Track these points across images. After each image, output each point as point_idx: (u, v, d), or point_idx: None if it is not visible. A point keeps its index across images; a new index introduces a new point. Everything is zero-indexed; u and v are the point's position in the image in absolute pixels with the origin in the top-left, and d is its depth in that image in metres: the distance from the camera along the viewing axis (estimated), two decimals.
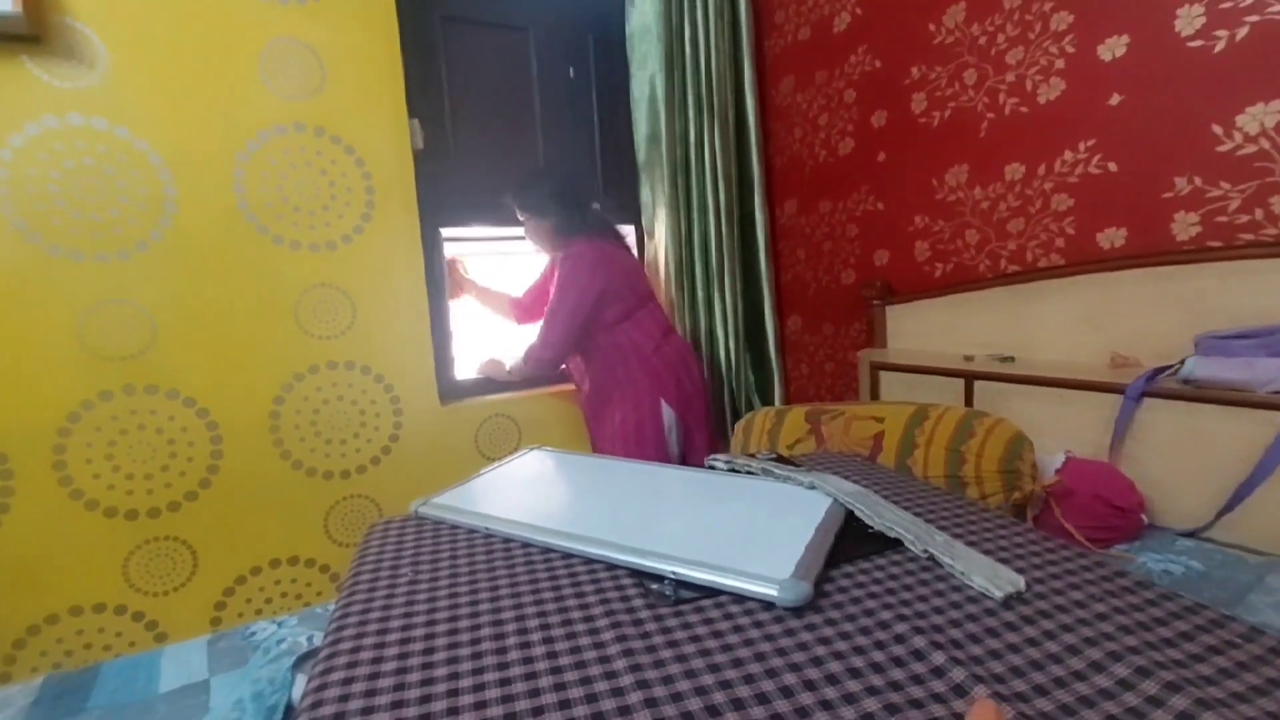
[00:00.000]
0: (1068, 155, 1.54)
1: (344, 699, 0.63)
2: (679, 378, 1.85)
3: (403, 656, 0.69)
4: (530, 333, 1.89)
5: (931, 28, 1.79)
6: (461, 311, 2.16)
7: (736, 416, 2.29)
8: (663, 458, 1.82)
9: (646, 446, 1.80)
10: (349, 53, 1.73)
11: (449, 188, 2.01)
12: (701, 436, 1.91)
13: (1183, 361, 1.23)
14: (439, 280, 1.99)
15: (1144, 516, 1.20)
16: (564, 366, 1.99)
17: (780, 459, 1.18)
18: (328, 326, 1.77)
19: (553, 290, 1.81)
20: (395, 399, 1.86)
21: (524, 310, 2.08)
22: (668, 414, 1.81)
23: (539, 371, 1.92)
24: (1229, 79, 1.27)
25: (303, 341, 1.74)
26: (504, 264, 2.24)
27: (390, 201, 1.81)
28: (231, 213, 1.64)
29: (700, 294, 2.27)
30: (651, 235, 2.25)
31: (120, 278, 1.53)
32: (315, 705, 0.62)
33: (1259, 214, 1.26)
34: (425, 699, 0.62)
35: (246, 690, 0.84)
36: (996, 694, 0.58)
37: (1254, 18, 1.22)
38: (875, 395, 1.83)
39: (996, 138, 1.68)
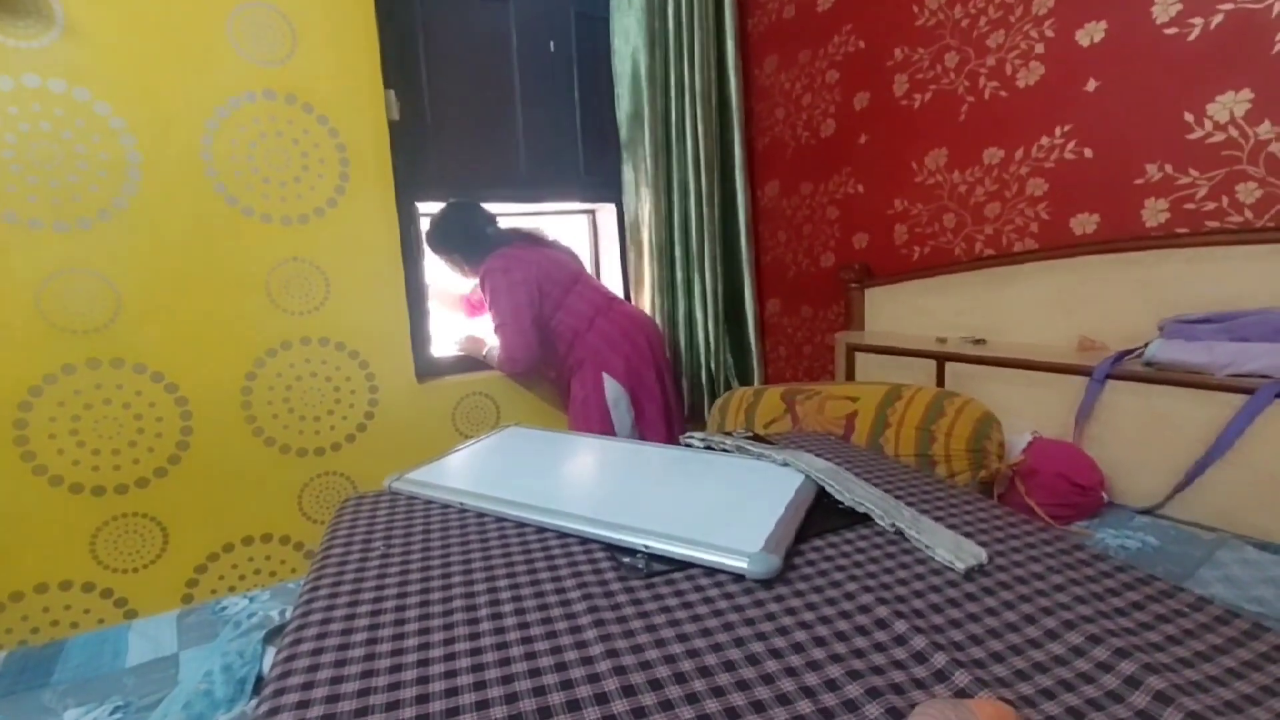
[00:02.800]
0: (1044, 140, 1.56)
1: (313, 669, 0.63)
2: (623, 350, 1.87)
3: (373, 628, 0.69)
4: (482, 323, 1.96)
5: (914, 9, 1.79)
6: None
7: (715, 398, 2.30)
8: (609, 431, 1.85)
9: (593, 421, 1.84)
10: (321, 18, 1.68)
11: (425, 161, 1.97)
12: (653, 407, 1.92)
13: (1146, 345, 1.26)
14: (415, 256, 1.95)
15: (1104, 494, 1.23)
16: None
17: (755, 437, 1.19)
18: (301, 302, 1.74)
19: (490, 311, 1.87)
20: (370, 376, 1.84)
21: (472, 306, 2.13)
22: (611, 387, 1.83)
23: (511, 375, 1.99)
24: (1202, 67, 1.28)
25: (275, 317, 1.71)
26: None
27: (365, 174, 1.77)
28: (199, 182, 1.59)
29: (680, 275, 2.26)
30: (634, 215, 2.23)
31: (82, 247, 1.48)
32: (284, 675, 0.62)
33: (1225, 201, 1.29)
34: (396, 668, 0.62)
35: (216, 663, 0.83)
36: (954, 661, 0.60)
37: (1228, 6, 1.23)
38: (851, 376, 1.85)
39: (976, 121, 1.69)
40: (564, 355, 1.92)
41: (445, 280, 2.11)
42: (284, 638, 0.70)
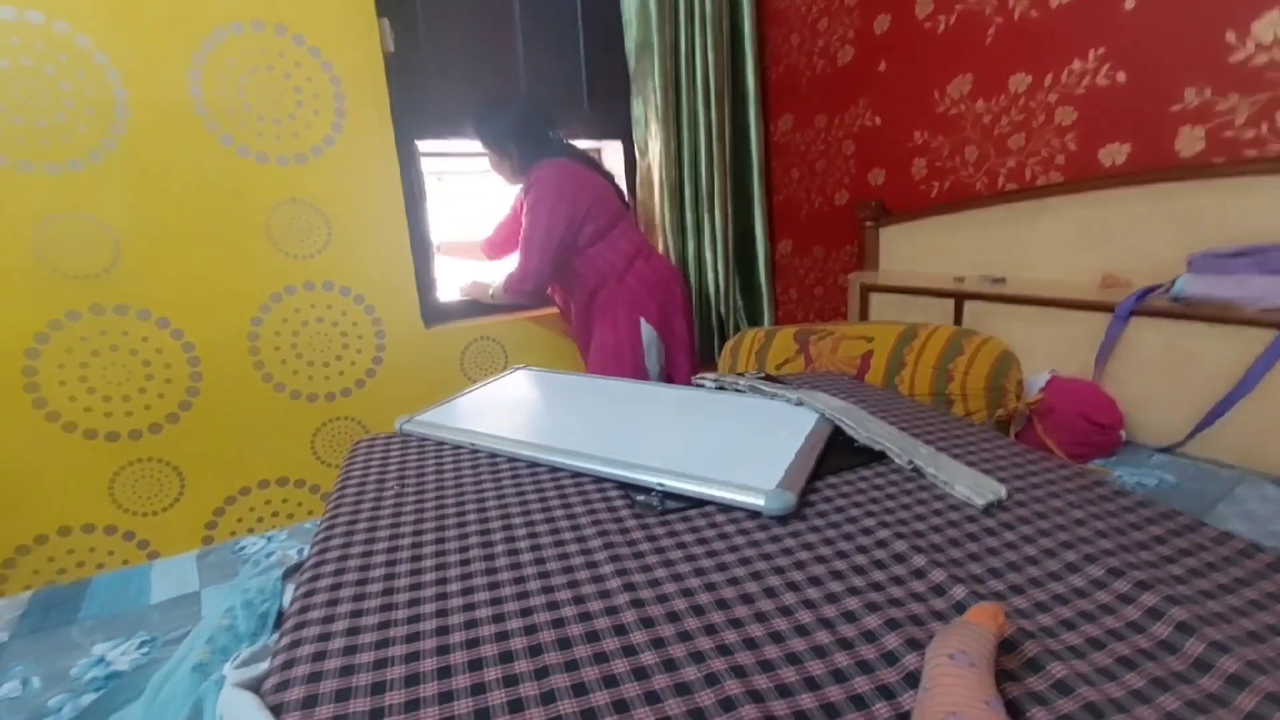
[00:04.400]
0: (1076, 65, 1.47)
1: (333, 602, 0.63)
2: (659, 297, 1.81)
3: (391, 563, 0.69)
4: (506, 265, 1.84)
5: None
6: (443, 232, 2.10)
7: (725, 340, 2.28)
8: (642, 378, 1.81)
9: (625, 367, 1.79)
10: None
11: (424, 97, 1.89)
12: (684, 356, 1.89)
13: (1174, 280, 1.22)
14: (417, 197, 1.90)
15: (1122, 433, 1.22)
16: (549, 291, 1.95)
17: (768, 378, 1.17)
18: (302, 245, 1.70)
19: (524, 218, 1.75)
20: (377, 321, 1.82)
21: (494, 247, 2.03)
22: (647, 332, 1.79)
23: (519, 300, 1.89)
24: None
25: (277, 260, 1.68)
26: (487, 184, 2.15)
27: (362, 111, 1.71)
28: (190, 120, 1.54)
29: (689, 216, 2.20)
30: (644, 152, 2.15)
31: (74, 190, 1.44)
32: (304, 609, 0.63)
33: (1264, 129, 1.22)
34: (414, 601, 0.62)
35: (238, 599, 0.85)
36: (973, 593, 0.59)
37: None
38: (864, 318, 1.81)
39: (1003, 45, 1.60)
40: (591, 292, 1.81)
41: (455, 233, 2.05)
42: (302, 573, 0.70)
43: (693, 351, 1.93)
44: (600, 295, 1.82)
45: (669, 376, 1.87)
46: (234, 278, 1.63)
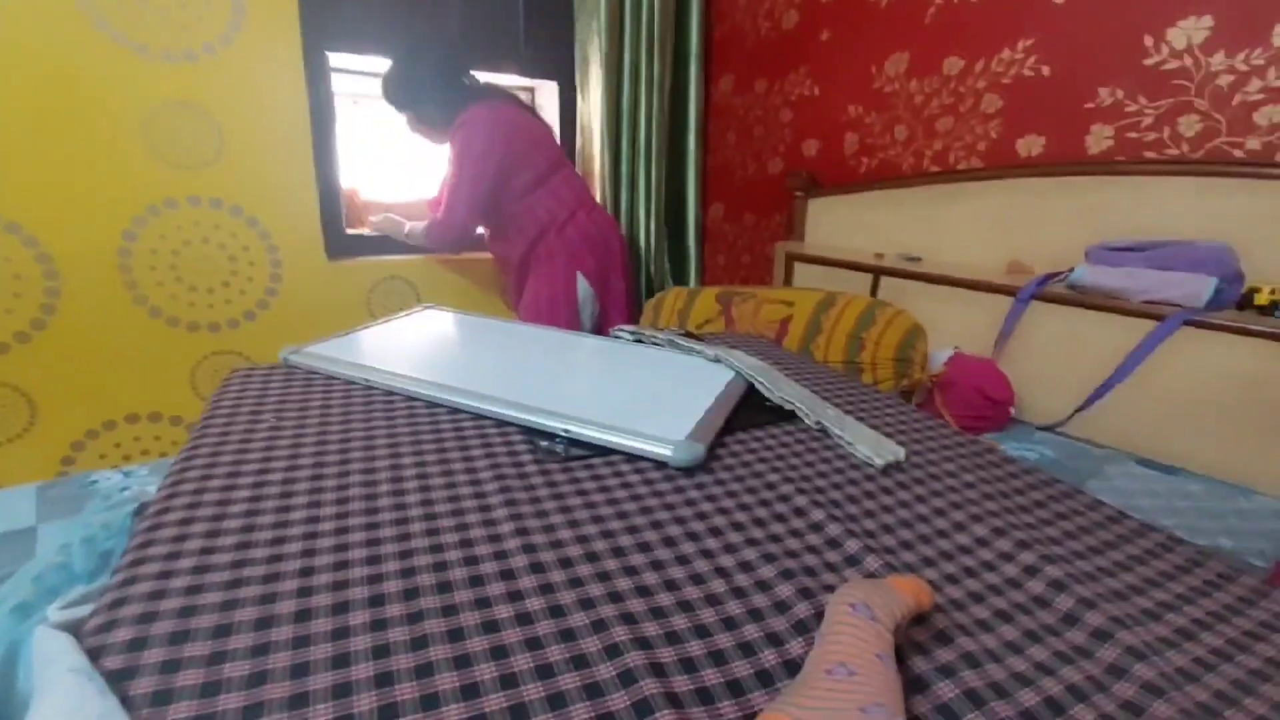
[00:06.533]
0: (1005, 54, 1.51)
1: (180, 538, 0.56)
2: (598, 252, 1.75)
3: (256, 499, 0.62)
4: None
5: None
6: (358, 157, 1.93)
7: (651, 297, 2.25)
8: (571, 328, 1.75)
9: (559, 320, 1.72)
10: None
11: (338, 5, 1.71)
12: (619, 314, 1.84)
13: (1072, 269, 1.28)
14: (326, 116, 1.73)
15: (1012, 410, 1.29)
16: (486, 240, 1.84)
17: (687, 334, 1.15)
18: (188, 155, 1.52)
19: (451, 164, 1.62)
20: (273, 248, 1.66)
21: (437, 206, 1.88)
22: (583, 287, 1.73)
23: (440, 249, 1.77)
24: None
25: (157, 169, 1.49)
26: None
27: (264, 8, 1.52)
28: None
29: (625, 169, 2.13)
30: (585, 96, 2.05)
31: None
32: (145, 544, 0.55)
33: (1166, 133, 1.29)
34: (277, 540, 0.56)
35: (76, 535, 0.75)
36: (866, 547, 0.60)
37: None
38: (788, 286, 1.83)
39: (941, 26, 1.61)
40: (531, 242, 1.72)
41: (373, 174, 1.88)
42: (151, 506, 0.62)
43: (628, 308, 1.88)
44: (539, 246, 1.73)
45: (601, 333, 1.82)
46: (102, 183, 1.44)
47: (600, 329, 1.81)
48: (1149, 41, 1.29)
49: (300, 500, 0.62)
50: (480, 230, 1.81)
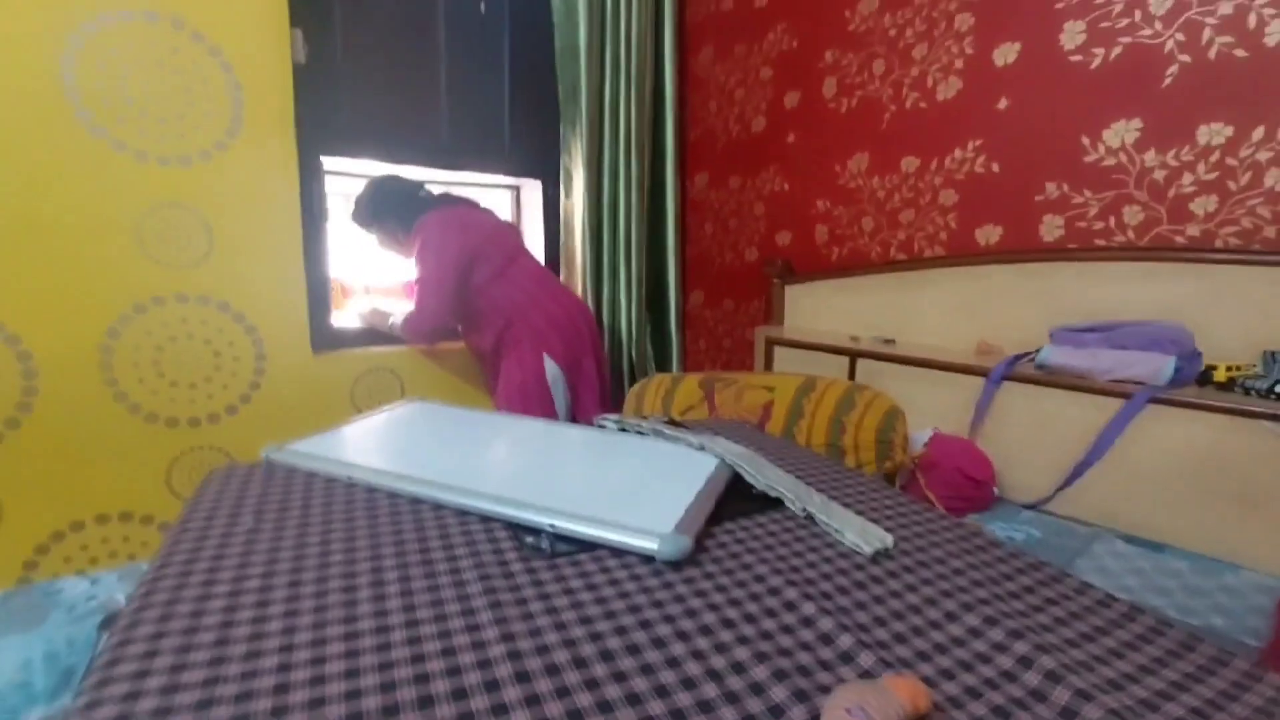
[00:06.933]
0: (957, 153, 1.63)
1: (150, 655, 0.53)
2: (565, 334, 1.79)
3: (230, 609, 0.60)
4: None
5: (847, 14, 1.82)
6: (344, 253, 1.99)
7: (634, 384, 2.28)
8: (548, 415, 1.77)
9: (530, 403, 1.74)
10: None
11: (334, 112, 1.82)
12: (590, 395, 1.86)
13: (1038, 350, 1.33)
14: (317, 215, 1.80)
15: (995, 489, 1.30)
16: (464, 336, 1.90)
17: (671, 422, 1.17)
18: (178, 254, 1.55)
19: (416, 267, 1.73)
20: (258, 341, 1.68)
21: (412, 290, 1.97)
22: (551, 368, 1.76)
23: (417, 341, 1.86)
24: (1101, 93, 1.38)
25: (145, 268, 1.52)
26: None
27: (262, 118, 1.61)
28: (58, 105, 1.39)
29: (606, 260, 2.22)
30: (569, 193, 2.16)
31: None
32: (113, 662, 0.53)
33: (1112, 221, 1.39)
34: (253, 654, 0.54)
35: (37, 650, 0.71)
36: (860, 642, 0.59)
37: (1126, 39, 1.33)
38: (769, 369, 1.87)
39: (897, 130, 1.75)
40: (500, 331, 1.79)
41: (377, 299, 1.96)
42: (120, 619, 0.60)
43: (602, 391, 1.90)
44: (506, 335, 1.79)
45: (575, 415, 1.83)
46: (88, 282, 1.46)
47: (573, 409, 1.82)
48: (1086, 141, 1.41)
49: (276, 610, 0.60)
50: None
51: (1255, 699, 0.55)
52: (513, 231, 1.93)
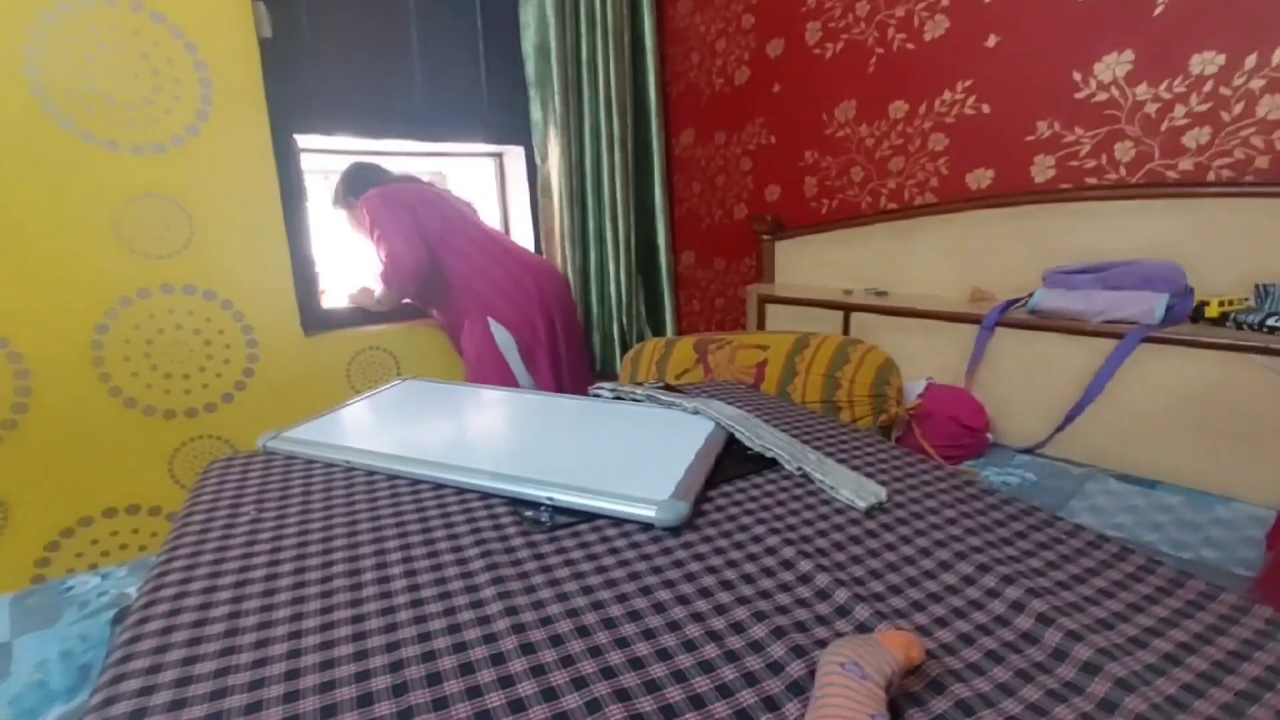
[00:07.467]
0: (946, 95, 1.59)
1: (161, 649, 0.55)
2: (509, 295, 1.76)
3: (238, 599, 0.61)
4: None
5: None
6: (331, 236, 1.96)
7: (627, 351, 2.27)
8: (506, 379, 1.74)
9: (488, 370, 1.73)
10: None
11: (304, 88, 1.77)
12: (542, 353, 1.80)
13: (1031, 294, 1.33)
14: (296, 194, 1.76)
15: (989, 436, 1.31)
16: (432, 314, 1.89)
17: (667, 387, 1.17)
18: (159, 244, 1.53)
19: (371, 229, 1.72)
20: (248, 328, 1.67)
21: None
22: (501, 335, 1.74)
23: (400, 291, 1.78)
24: (1091, 26, 1.33)
25: (128, 261, 1.50)
26: None
27: (232, 99, 1.56)
28: (24, 100, 1.35)
29: (591, 224, 2.19)
30: (544, 158, 2.11)
31: None
32: (125, 658, 0.54)
33: (1104, 159, 1.36)
34: (262, 643, 0.55)
35: (53, 649, 0.73)
36: (855, 596, 0.60)
37: None
38: (762, 328, 1.86)
39: (884, 74, 1.70)
40: (456, 302, 1.79)
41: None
42: (130, 615, 0.61)
43: (556, 350, 1.84)
44: (457, 305, 1.79)
45: (535, 379, 1.80)
46: (72, 279, 1.44)
47: (530, 369, 1.79)
48: (1077, 76, 1.37)
49: (284, 597, 0.61)
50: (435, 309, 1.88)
51: (1243, 631, 0.56)
52: (457, 200, 1.92)
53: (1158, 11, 1.24)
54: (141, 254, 1.51)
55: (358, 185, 1.80)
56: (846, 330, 1.63)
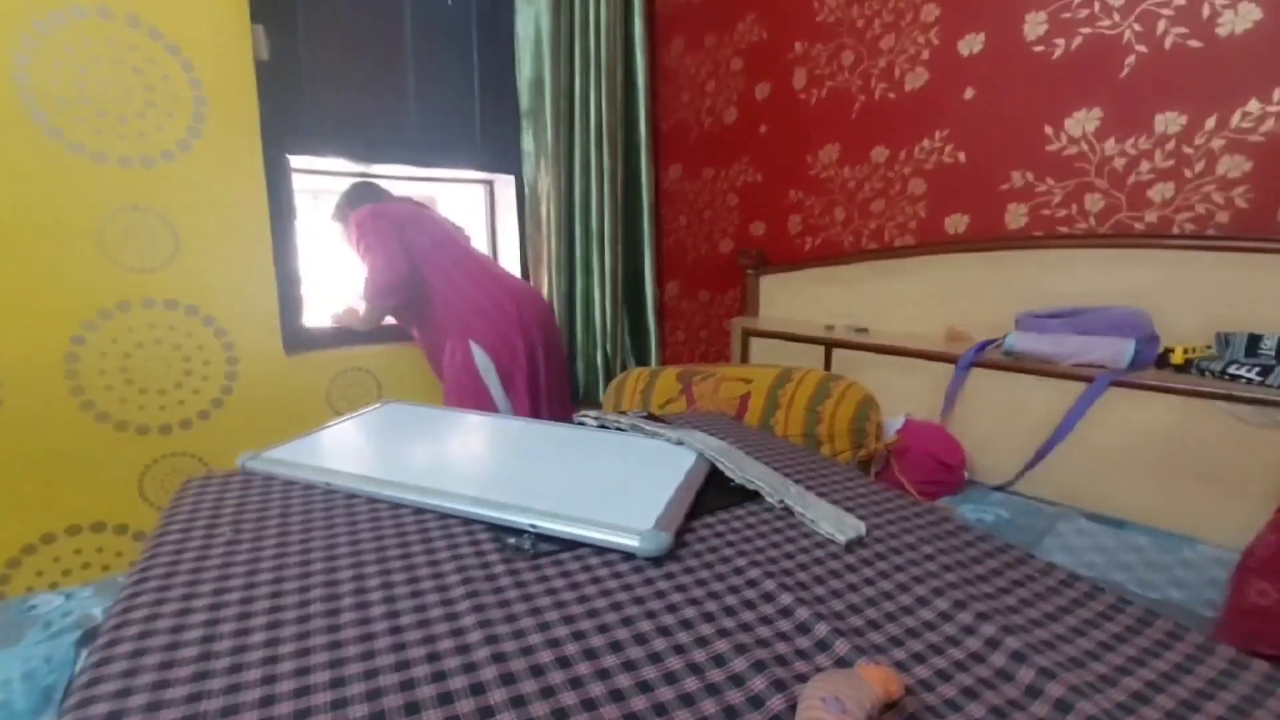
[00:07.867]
0: (925, 143, 1.65)
1: (131, 672, 0.53)
2: (490, 318, 1.76)
3: (212, 623, 0.60)
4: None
5: (815, 4, 1.83)
6: (318, 256, 1.96)
7: (611, 379, 2.28)
8: (484, 402, 1.73)
9: (466, 393, 1.72)
10: None
11: (300, 108, 1.78)
12: (520, 377, 1.78)
13: (1005, 336, 1.37)
14: (286, 214, 1.77)
15: (965, 473, 1.33)
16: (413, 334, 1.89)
17: (651, 417, 1.18)
18: (142, 257, 1.52)
19: (357, 244, 1.73)
20: (229, 345, 1.65)
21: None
22: (480, 357, 1.73)
23: (382, 303, 1.78)
24: (1062, 84, 1.41)
25: (110, 273, 1.48)
26: None
27: (225, 116, 1.57)
28: (12, 106, 1.34)
29: (579, 253, 2.21)
30: (534, 188, 2.14)
31: None
32: (93, 681, 0.52)
33: (1074, 209, 1.42)
34: (236, 668, 0.54)
35: (15, 670, 0.70)
36: (835, 630, 0.61)
37: (1086, 30, 1.36)
38: (745, 360, 1.89)
39: (866, 120, 1.77)
40: (437, 322, 1.79)
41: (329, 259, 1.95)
42: (99, 637, 0.59)
43: (534, 375, 1.82)
44: (436, 326, 1.79)
45: (512, 403, 1.79)
46: (51, 289, 1.42)
47: (508, 392, 1.78)
48: (1049, 130, 1.44)
49: (260, 621, 0.60)
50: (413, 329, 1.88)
51: (1207, 671, 0.58)
52: (447, 222, 1.93)
53: (1124, 74, 1.32)
54: (124, 266, 1.50)
55: (357, 201, 1.82)
56: (828, 365, 1.66)
